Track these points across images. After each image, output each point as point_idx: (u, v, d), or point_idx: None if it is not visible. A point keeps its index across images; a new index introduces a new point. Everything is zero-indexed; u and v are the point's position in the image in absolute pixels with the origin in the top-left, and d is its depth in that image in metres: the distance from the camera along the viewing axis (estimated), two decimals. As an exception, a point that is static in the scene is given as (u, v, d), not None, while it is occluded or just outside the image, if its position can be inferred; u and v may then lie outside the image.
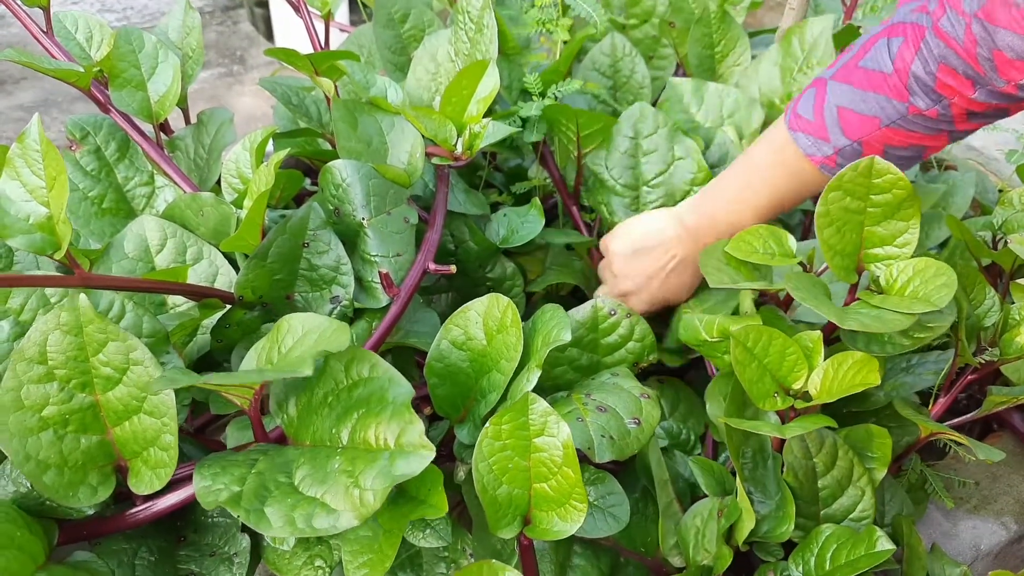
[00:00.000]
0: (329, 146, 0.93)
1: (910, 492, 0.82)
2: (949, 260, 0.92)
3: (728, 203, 0.79)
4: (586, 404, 0.68)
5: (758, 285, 0.71)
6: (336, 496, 0.51)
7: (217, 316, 0.72)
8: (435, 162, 0.80)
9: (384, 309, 0.72)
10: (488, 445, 0.59)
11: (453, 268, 0.74)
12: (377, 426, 0.53)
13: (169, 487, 0.59)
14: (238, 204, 0.78)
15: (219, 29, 2.23)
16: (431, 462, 0.53)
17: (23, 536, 0.54)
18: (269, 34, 2.19)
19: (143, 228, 0.74)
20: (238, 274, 0.70)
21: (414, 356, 0.80)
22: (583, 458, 0.66)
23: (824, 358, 0.68)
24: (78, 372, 0.58)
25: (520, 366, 0.66)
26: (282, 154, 0.71)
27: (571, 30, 0.99)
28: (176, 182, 0.84)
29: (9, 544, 0.52)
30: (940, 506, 0.84)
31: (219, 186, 0.82)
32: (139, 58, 0.85)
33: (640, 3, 1.15)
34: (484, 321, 0.68)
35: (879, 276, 0.68)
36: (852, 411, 0.81)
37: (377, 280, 0.73)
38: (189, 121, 0.94)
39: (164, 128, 0.90)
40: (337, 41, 1.04)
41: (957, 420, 0.80)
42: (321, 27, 0.97)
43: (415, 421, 0.53)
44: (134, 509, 0.60)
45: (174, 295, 0.73)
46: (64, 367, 0.58)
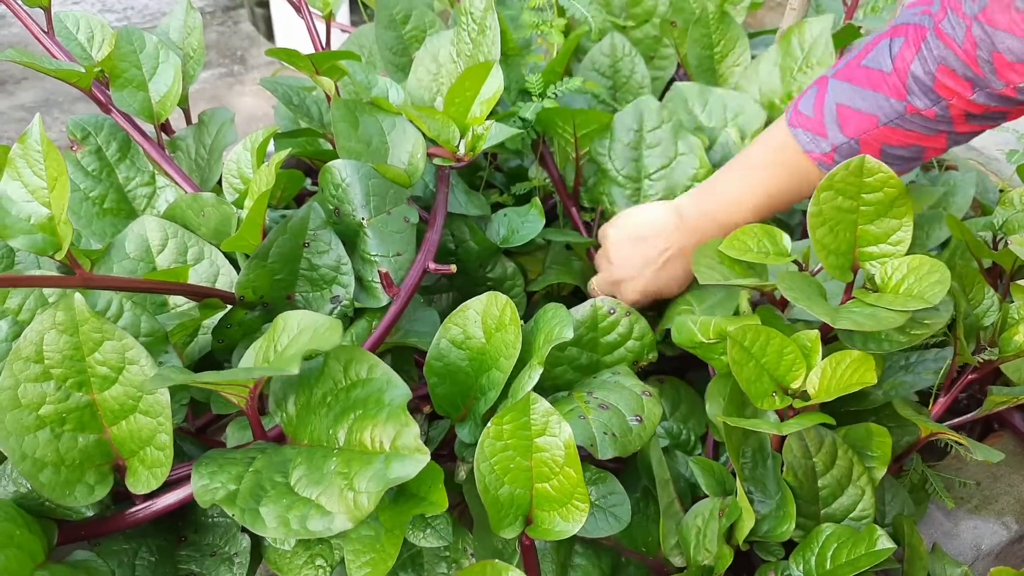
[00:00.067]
0: (330, 146, 0.93)
1: (911, 492, 0.82)
2: (949, 260, 0.92)
3: (726, 198, 0.79)
4: (588, 402, 0.68)
5: (749, 282, 0.71)
6: (331, 498, 0.51)
7: (218, 316, 0.72)
8: (437, 163, 0.81)
9: (384, 308, 0.72)
10: (490, 445, 0.59)
11: (453, 268, 0.74)
12: (373, 428, 0.53)
13: (168, 486, 0.59)
14: (239, 204, 0.78)
15: (220, 29, 2.23)
16: (431, 459, 0.53)
17: (23, 535, 0.54)
18: (270, 34, 2.19)
19: (144, 228, 0.74)
20: (239, 274, 0.70)
21: (414, 355, 0.80)
22: (585, 457, 0.66)
23: (822, 357, 0.68)
24: (74, 371, 0.58)
25: (522, 364, 0.66)
26: (283, 154, 0.71)
27: (567, 31, 0.99)
28: (177, 182, 0.84)
29: (8, 543, 0.52)
30: (941, 506, 0.84)
31: (220, 186, 0.82)
32: (140, 58, 0.85)
33: (641, 3, 1.15)
34: (483, 319, 0.68)
35: (874, 274, 0.68)
36: (851, 410, 0.81)
37: (377, 280, 0.73)
38: (190, 121, 0.94)
39: (165, 128, 0.90)
40: (338, 42, 1.04)
41: (957, 420, 0.80)
42: (322, 27, 0.97)
43: (411, 424, 0.53)
44: (133, 508, 0.60)
45: (175, 295, 0.73)
46: (60, 366, 0.58)
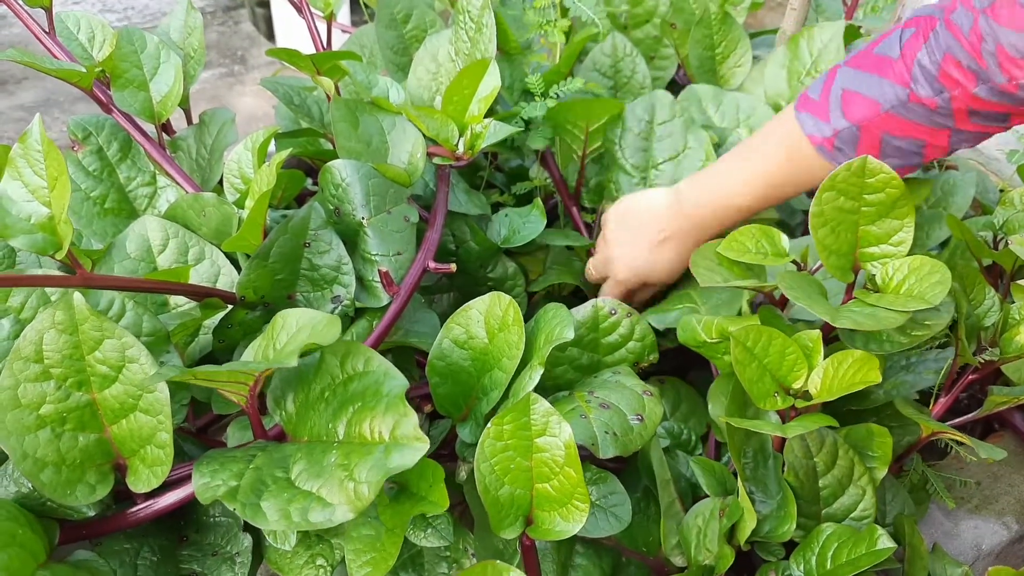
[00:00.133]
0: (331, 146, 0.93)
1: (911, 492, 0.82)
2: (950, 260, 0.92)
3: (723, 180, 0.79)
4: (589, 401, 0.68)
5: (748, 283, 0.71)
6: (331, 490, 0.51)
7: (219, 316, 0.72)
8: (436, 162, 0.81)
9: (384, 308, 0.72)
10: (490, 445, 0.59)
11: (453, 267, 0.74)
12: (372, 419, 0.54)
13: (169, 486, 0.59)
14: (240, 204, 0.78)
15: (220, 29, 2.24)
16: (432, 458, 0.53)
17: (24, 534, 0.54)
18: (270, 34, 2.19)
19: (145, 228, 0.74)
20: (240, 274, 0.70)
21: (415, 356, 0.80)
22: (585, 457, 0.66)
23: (824, 357, 0.68)
24: (74, 370, 0.58)
25: (522, 364, 0.66)
26: (284, 154, 0.71)
27: (569, 32, 0.99)
28: (178, 182, 0.84)
29: (11, 542, 0.52)
30: (941, 506, 0.84)
31: (221, 186, 0.82)
32: (141, 58, 0.85)
33: (642, 3, 1.15)
34: (486, 320, 0.68)
35: (875, 275, 0.68)
36: (852, 410, 0.81)
37: (377, 279, 0.73)
38: (191, 121, 0.94)
39: (166, 128, 0.90)
40: (339, 42, 1.04)
41: (958, 420, 0.80)
42: (323, 27, 0.97)
43: (409, 414, 0.53)
44: (134, 508, 0.60)
45: (176, 295, 0.73)
46: (60, 365, 0.58)
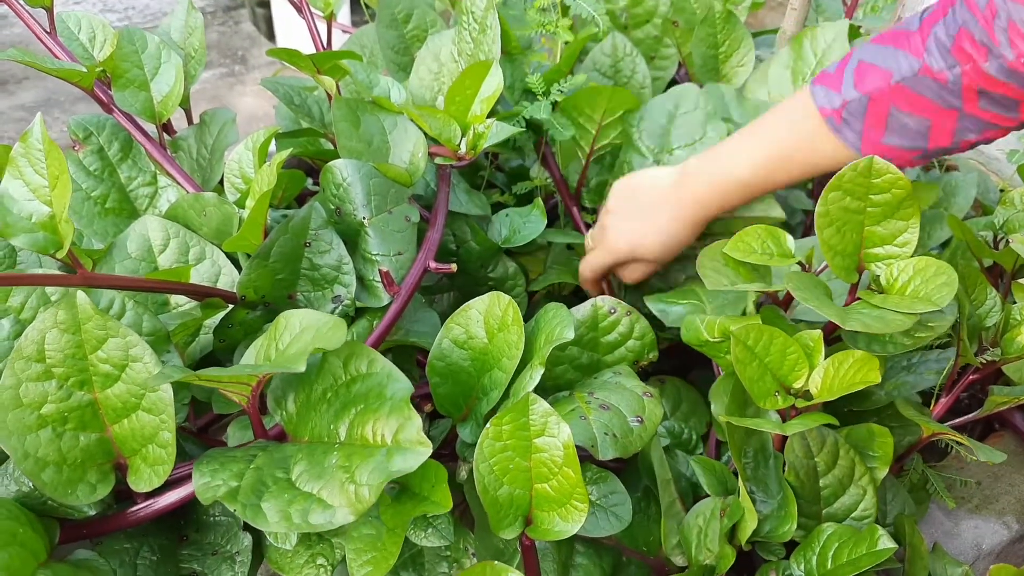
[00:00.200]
0: (331, 146, 0.93)
1: (912, 492, 0.82)
2: (951, 260, 0.92)
3: (727, 153, 0.78)
4: (589, 402, 0.68)
5: (756, 286, 0.71)
6: (332, 491, 0.51)
7: (220, 316, 0.72)
8: (438, 162, 0.81)
9: (385, 308, 0.72)
10: (489, 446, 0.59)
11: (454, 267, 0.74)
12: (375, 422, 0.53)
13: (170, 485, 0.59)
14: (240, 204, 0.78)
15: (220, 29, 2.24)
16: (433, 458, 0.53)
17: (25, 533, 0.54)
18: (271, 34, 2.19)
19: (146, 228, 0.74)
20: (240, 274, 0.70)
21: (415, 355, 0.80)
22: (586, 457, 0.66)
23: (825, 357, 0.68)
24: (76, 370, 0.58)
25: (523, 364, 0.66)
26: (284, 154, 0.71)
27: (571, 31, 0.99)
28: (179, 182, 0.84)
29: (11, 541, 0.52)
30: (942, 506, 0.84)
31: (222, 186, 0.82)
32: (142, 58, 0.85)
33: (642, 3, 1.15)
34: (485, 319, 0.68)
35: (879, 275, 0.68)
36: (853, 410, 0.81)
37: (378, 279, 0.73)
38: (192, 121, 0.94)
39: (167, 128, 0.91)
40: (339, 42, 1.04)
41: (959, 420, 0.80)
42: (323, 27, 0.97)
43: (413, 417, 0.53)
44: (135, 507, 0.60)
45: (177, 295, 0.73)
46: (62, 365, 0.58)
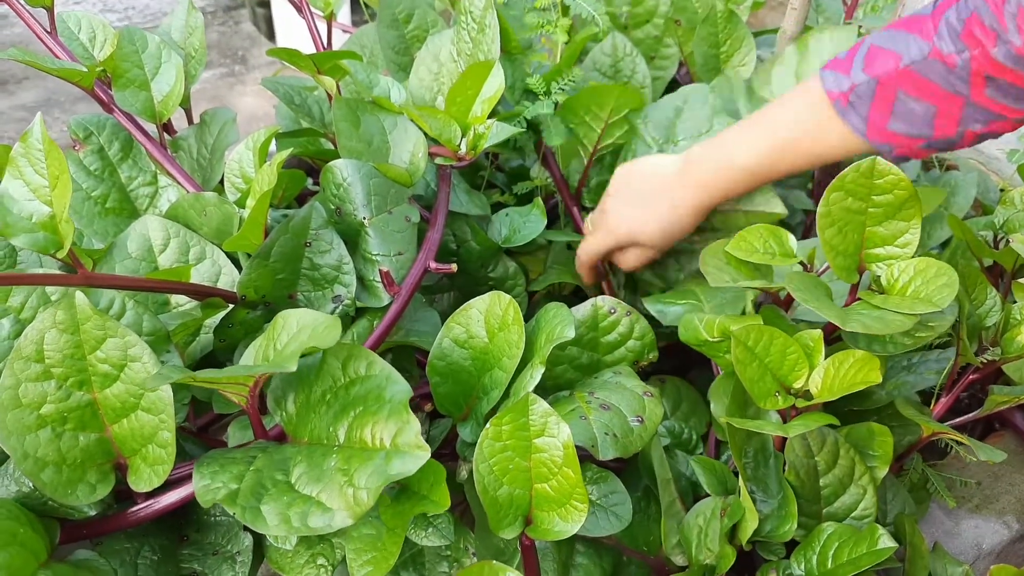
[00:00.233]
0: (331, 146, 0.93)
1: (912, 491, 0.83)
2: (951, 260, 0.92)
3: (732, 139, 0.78)
4: (589, 402, 0.68)
5: (757, 284, 0.71)
6: (331, 495, 0.51)
7: (220, 316, 0.72)
8: (438, 162, 0.81)
9: (385, 308, 0.72)
10: (488, 446, 0.59)
11: (454, 267, 0.74)
12: (374, 425, 0.53)
13: (170, 485, 0.59)
14: (241, 204, 0.78)
15: (221, 29, 2.24)
16: (433, 458, 0.52)
17: (25, 533, 0.54)
18: (271, 34, 2.19)
19: (146, 228, 0.74)
20: (241, 274, 0.70)
21: (415, 355, 0.80)
22: (586, 456, 0.66)
23: (825, 357, 0.68)
24: (75, 370, 0.58)
25: (523, 364, 0.66)
26: (284, 154, 0.71)
27: (571, 31, 0.99)
28: (179, 182, 0.84)
29: (12, 541, 0.52)
30: (942, 505, 0.84)
31: (222, 186, 0.82)
32: (142, 58, 0.85)
33: (642, 3, 1.15)
34: (486, 319, 0.68)
35: (880, 276, 0.68)
36: (854, 410, 0.81)
37: (378, 279, 0.73)
38: (192, 121, 0.94)
39: (167, 128, 0.91)
40: (339, 42, 1.04)
41: (959, 420, 0.81)
42: (323, 27, 0.97)
43: (412, 421, 0.53)
44: (135, 507, 0.60)
45: (177, 294, 0.73)
46: (61, 365, 0.58)
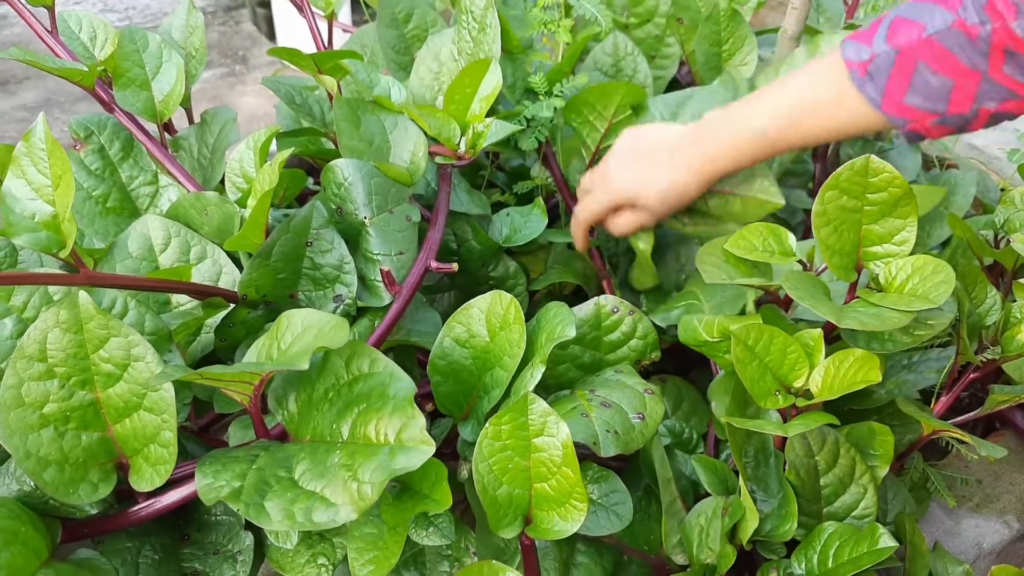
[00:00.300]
0: (332, 145, 0.93)
1: (912, 490, 0.83)
2: (951, 259, 0.92)
3: (746, 105, 0.75)
4: (590, 400, 0.68)
5: (755, 281, 0.71)
6: (335, 490, 0.51)
7: (221, 315, 0.72)
8: (438, 161, 0.81)
9: (386, 307, 0.72)
10: (488, 445, 0.59)
11: (455, 266, 0.74)
12: (378, 421, 0.54)
13: (172, 485, 0.59)
14: (242, 203, 0.78)
15: (221, 29, 2.24)
16: (435, 457, 0.53)
17: (27, 532, 0.54)
18: (271, 34, 2.19)
19: (147, 227, 0.74)
20: (242, 273, 0.70)
21: (416, 354, 0.80)
22: (587, 455, 0.66)
23: (825, 356, 0.68)
24: (78, 369, 0.59)
25: (524, 363, 0.66)
26: (285, 153, 0.71)
27: (573, 31, 0.99)
28: (180, 181, 0.84)
29: (13, 540, 0.53)
30: (942, 504, 0.84)
31: (223, 185, 0.82)
32: (143, 58, 0.85)
33: (643, 2, 1.15)
34: (487, 318, 0.68)
35: (878, 274, 0.68)
36: (854, 409, 0.81)
37: (379, 278, 0.73)
38: (192, 121, 0.94)
39: (168, 127, 0.91)
40: (340, 41, 1.04)
41: (959, 418, 0.81)
42: (324, 27, 0.97)
43: (417, 416, 0.53)
44: (137, 507, 0.60)
45: (178, 294, 0.73)
46: (64, 364, 0.58)
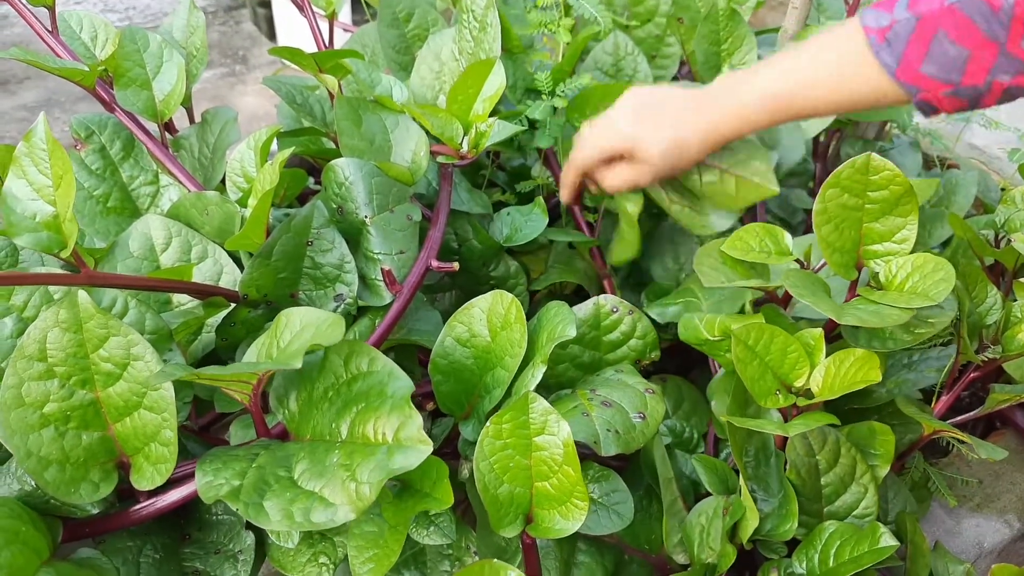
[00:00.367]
0: (333, 145, 0.93)
1: (913, 490, 0.83)
2: (952, 258, 0.92)
3: (759, 68, 0.72)
4: (591, 399, 0.68)
5: (752, 283, 0.71)
6: (334, 489, 0.52)
7: (222, 314, 0.72)
8: (440, 160, 0.81)
9: (387, 306, 0.72)
10: (489, 444, 0.60)
11: (456, 266, 0.74)
12: (376, 420, 0.54)
13: (173, 484, 0.59)
14: (243, 203, 0.78)
15: (221, 29, 2.24)
16: (436, 456, 0.53)
17: (28, 532, 0.54)
18: (271, 34, 2.19)
19: (148, 227, 0.74)
20: (243, 272, 0.70)
21: (417, 354, 0.80)
22: (588, 455, 0.66)
23: (826, 355, 0.68)
24: (78, 369, 0.59)
25: (525, 362, 0.66)
26: (286, 153, 0.71)
27: (573, 30, 0.99)
28: (181, 181, 0.84)
29: (14, 539, 0.53)
30: (943, 504, 0.84)
31: (223, 185, 0.82)
32: (144, 57, 0.85)
33: (643, 2, 1.15)
34: (488, 318, 0.68)
35: (878, 272, 0.68)
36: (855, 408, 0.81)
37: (380, 277, 0.73)
38: (193, 120, 0.94)
39: (168, 127, 0.91)
40: (340, 41, 1.05)
41: (960, 418, 0.81)
42: (325, 26, 0.97)
43: (414, 415, 0.53)
44: (138, 506, 0.60)
45: (179, 293, 0.74)
46: (64, 364, 0.58)
